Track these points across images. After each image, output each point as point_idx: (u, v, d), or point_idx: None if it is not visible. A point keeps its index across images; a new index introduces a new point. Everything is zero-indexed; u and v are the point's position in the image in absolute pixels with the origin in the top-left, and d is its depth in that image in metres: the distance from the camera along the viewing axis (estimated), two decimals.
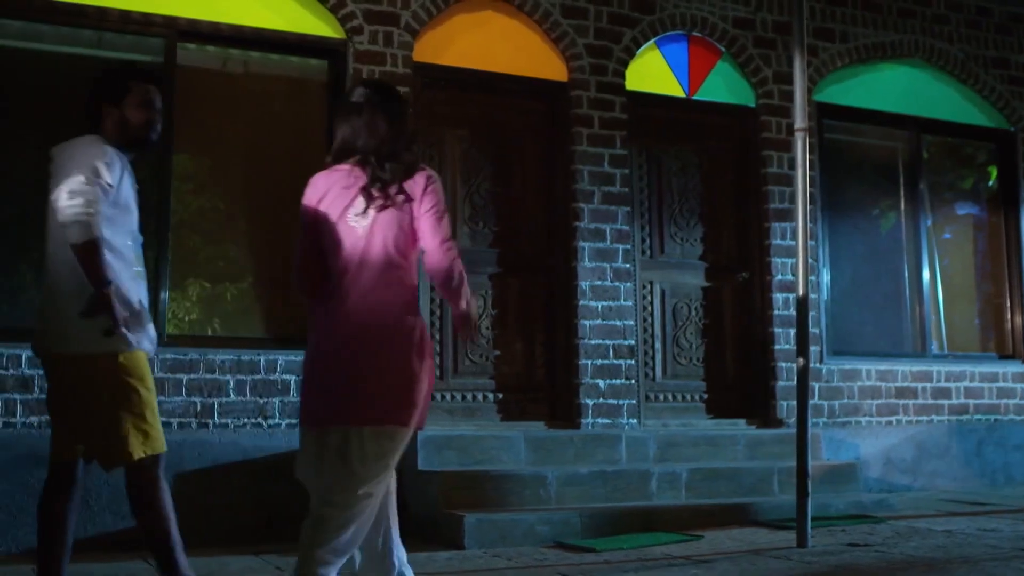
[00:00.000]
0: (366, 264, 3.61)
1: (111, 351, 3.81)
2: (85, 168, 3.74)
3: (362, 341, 3.57)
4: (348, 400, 3.56)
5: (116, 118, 4.02)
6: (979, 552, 5.32)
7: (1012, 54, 9.32)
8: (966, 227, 9.60)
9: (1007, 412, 8.88)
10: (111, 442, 3.85)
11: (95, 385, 3.83)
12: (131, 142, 4.05)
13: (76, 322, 3.74)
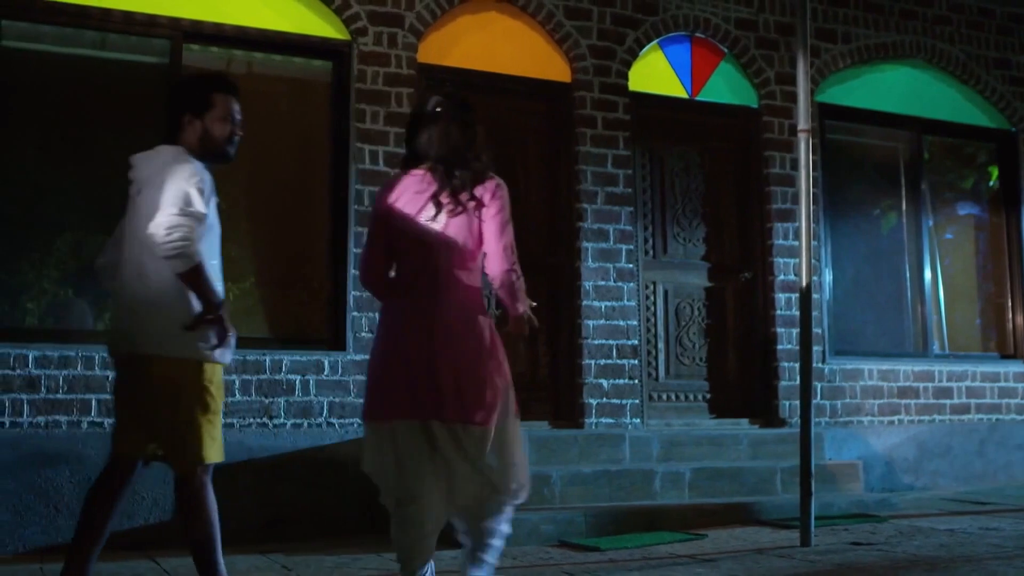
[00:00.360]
0: (439, 266, 3.80)
1: (199, 359, 3.89)
2: (178, 195, 3.76)
3: (441, 341, 3.73)
4: (430, 396, 3.71)
5: (198, 130, 4.01)
6: (982, 551, 5.35)
7: (1013, 55, 9.35)
8: (967, 227, 9.63)
9: (1008, 412, 8.91)
10: (187, 444, 3.92)
11: (180, 389, 3.88)
12: (211, 154, 4.05)
13: (168, 327, 3.82)
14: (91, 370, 6.04)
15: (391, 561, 5.36)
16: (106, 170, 6.57)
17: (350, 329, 6.69)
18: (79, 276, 6.43)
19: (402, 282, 3.88)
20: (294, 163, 7.07)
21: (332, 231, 6.83)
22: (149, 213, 3.80)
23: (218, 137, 4.03)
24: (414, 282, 3.83)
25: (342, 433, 6.55)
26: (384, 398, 3.81)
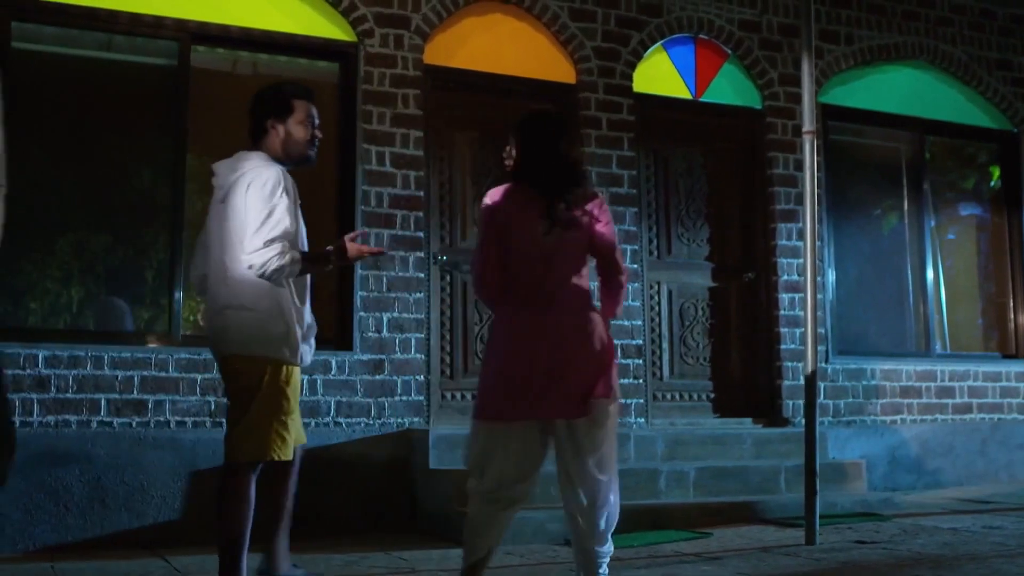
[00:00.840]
0: (556, 278, 3.98)
1: (278, 360, 4.12)
2: (263, 217, 4.01)
3: (567, 346, 3.91)
4: (558, 397, 3.89)
5: (281, 135, 4.24)
6: (985, 549, 5.39)
7: (1015, 56, 9.39)
8: (969, 227, 9.67)
9: (1010, 411, 8.95)
10: (255, 438, 4.11)
11: (256, 387, 4.09)
12: (293, 157, 4.27)
13: (250, 328, 4.08)
14: (100, 370, 6.08)
15: (399, 559, 5.43)
16: (115, 171, 6.65)
17: (357, 329, 6.73)
18: (87, 276, 6.48)
19: (519, 293, 4.00)
20: None
21: (339, 231, 6.84)
22: (234, 224, 4.08)
23: (299, 140, 4.27)
24: (532, 293, 3.98)
25: (349, 432, 6.59)
26: (508, 401, 3.94)
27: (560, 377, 3.88)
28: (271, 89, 4.37)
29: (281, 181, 4.08)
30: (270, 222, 4.01)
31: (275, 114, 4.26)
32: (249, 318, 4.09)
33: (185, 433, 6.21)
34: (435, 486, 6.34)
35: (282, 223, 4.02)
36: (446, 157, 7.26)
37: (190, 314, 6.69)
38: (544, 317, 3.94)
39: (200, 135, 6.60)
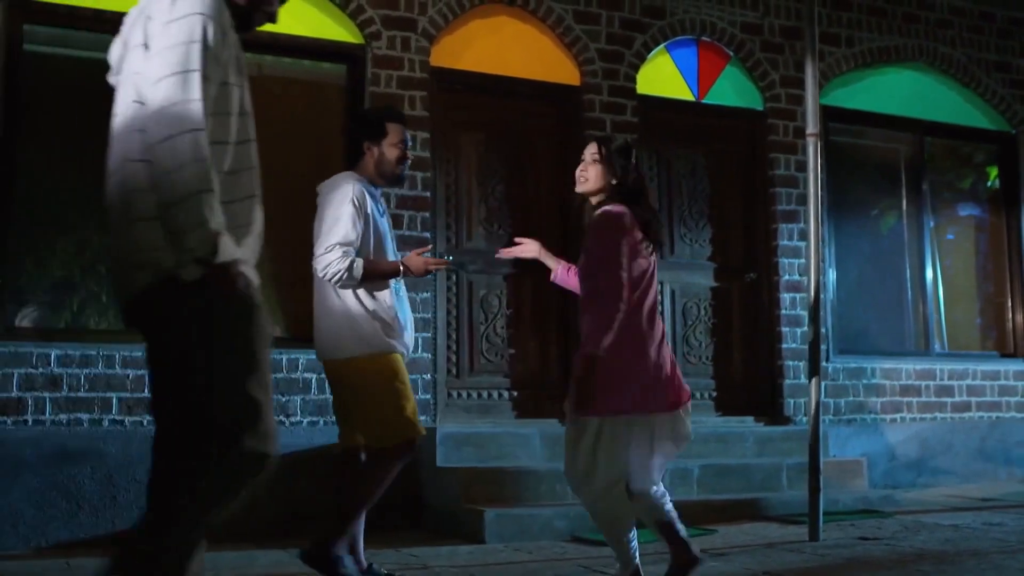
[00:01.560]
0: (655, 294, 4.37)
1: (368, 353, 4.46)
2: (330, 227, 4.45)
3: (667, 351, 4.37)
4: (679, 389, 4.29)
5: (376, 156, 4.59)
6: (986, 545, 5.48)
7: (1013, 58, 9.48)
8: (968, 228, 9.76)
9: (1008, 410, 9.04)
10: (392, 426, 4.45)
11: (359, 382, 4.51)
12: (386, 177, 4.62)
13: (339, 332, 4.48)
14: (112, 368, 6.15)
15: (409, 556, 5.51)
16: None
17: None
18: (100, 277, 6.54)
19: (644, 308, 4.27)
20: (309, 165, 7.14)
21: None
22: (316, 237, 4.49)
23: (392, 161, 4.60)
24: (655, 307, 4.34)
25: None
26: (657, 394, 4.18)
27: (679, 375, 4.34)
28: (368, 113, 4.78)
29: (351, 195, 4.44)
30: (335, 230, 4.39)
31: (370, 136, 4.61)
32: (338, 323, 4.47)
33: None
34: (442, 484, 6.42)
35: (344, 231, 4.38)
36: (452, 158, 7.34)
37: None
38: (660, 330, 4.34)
39: None
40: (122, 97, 2.70)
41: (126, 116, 2.64)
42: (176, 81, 2.50)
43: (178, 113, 2.47)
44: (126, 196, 2.59)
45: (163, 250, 2.52)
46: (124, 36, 2.77)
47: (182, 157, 2.45)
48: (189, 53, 2.52)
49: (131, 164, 2.59)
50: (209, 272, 2.49)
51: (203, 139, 2.49)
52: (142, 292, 2.59)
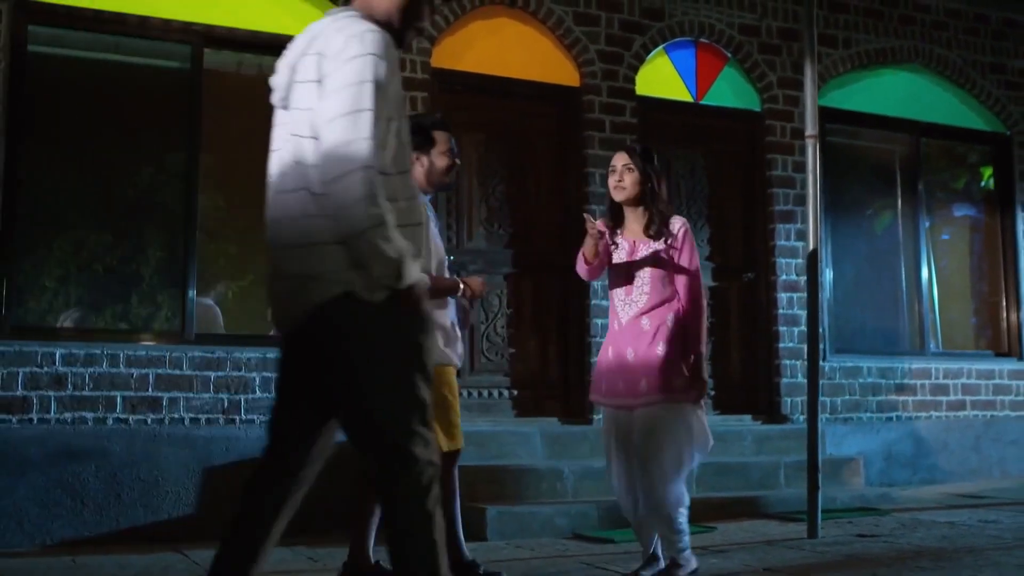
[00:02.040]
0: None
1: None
2: None
3: None
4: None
5: (425, 165, 4.64)
6: (983, 542, 5.55)
7: (1008, 59, 9.56)
8: (963, 228, 9.84)
9: (1003, 408, 9.12)
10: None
11: None
12: (435, 184, 4.70)
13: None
14: (116, 368, 6.19)
15: None
16: (129, 172, 6.76)
17: None
18: (105, 277, 6.59)
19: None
20: None
21: None
22: None
23: (441, 169, 4.66)
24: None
25: None
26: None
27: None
28: (414, 123, 4.75)
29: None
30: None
31: (418, 147, 4.62)
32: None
33: (199, 430, 6.33)
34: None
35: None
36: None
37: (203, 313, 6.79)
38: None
39: (213, 137, 6.72)
40: (291, 128, 2.84)
41: (300, 149, 2.79)
42: (350, 120, 2.66)
43: (351, 151, 2.63)
44: (302, 223, 2.76)
45: (347, 271, 2.70)
46: (291, 64, 2.90)
47: (355, 193, 2.62)
48: (362, 93, 2.67)
49: (304, 194, 2.76)
50: (393, 294, 2.70)
51: (374, 175, 2.65)
52: (321, 306, 2.74)
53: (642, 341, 4.54)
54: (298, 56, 2.87)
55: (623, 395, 4.56)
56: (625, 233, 4.74)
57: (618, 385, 4.58)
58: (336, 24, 2.81)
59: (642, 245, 4.62)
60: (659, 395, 4.46)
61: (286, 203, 2.81)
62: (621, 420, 4.59)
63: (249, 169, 7.00)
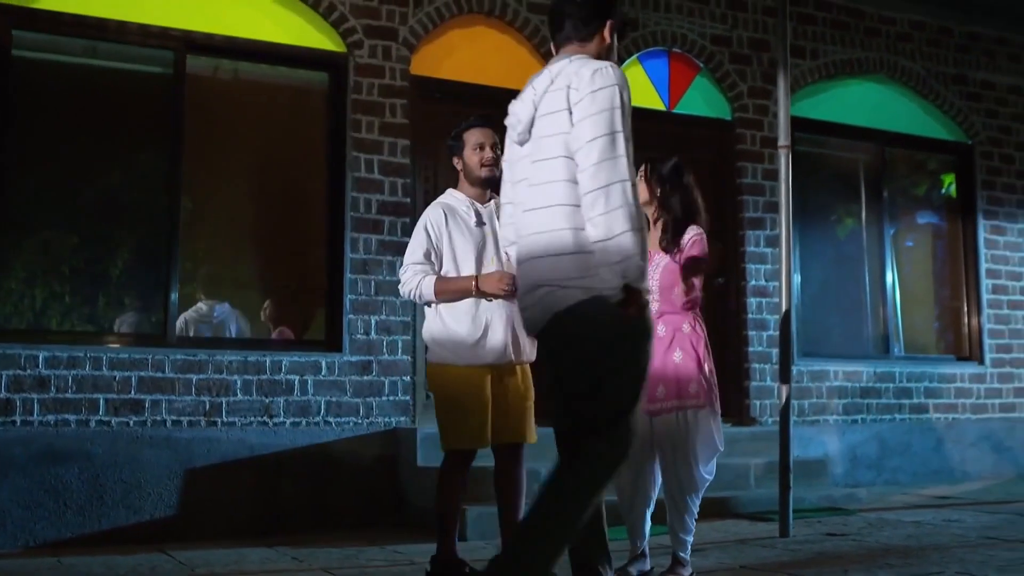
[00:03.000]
0: None
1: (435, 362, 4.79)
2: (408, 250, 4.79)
3: None
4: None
5: (461, 167, 4.84)
6: (948, 540, 5.74)
7: (970, 71, 9.81)
8: (926, 235, 10.07)
9: (964, 411, 9.35)
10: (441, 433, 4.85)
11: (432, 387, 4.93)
12: (476, 183, 4.83)
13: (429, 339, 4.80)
14: (99, 370, 6.24)
15: (394, 552, 5.66)
16: (112, 176, 6.82)
17: (346, 332, 6.94)
18: (87, 279, 6.64)
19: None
20: (293, 170, 7.31)
21: (329, 237, 7.08)
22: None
23: (474, 166, 4.80)
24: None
25: (339, 431, 6.80)
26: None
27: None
28: (452, 133, 4.98)
29: (424, 219, 4.76)
30: (407, 252, 4.75)
31: (455, 152, 4.88)
32: (427, 329, 4.78)
33: (181, 432, 6.40)
34: (423, 483, 6.56)
35: (412, 252, 4.71)
36: (431, 165, 7.49)
37: (185, 316, 6.85)
38: None
39: (197, 141, 6.79)
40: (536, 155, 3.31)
41: (553, 168, 3.25)
42: (606, 141, 3.16)
43: (610, 168, 3.13)
44: (555, 234, 3.23)
45: (593, 276, 3.16)
46: (533, 102, 3.35)
47: (615, 202, 3.10)
48: (613, 118, 3.19)
49: (559, 208, 3.22)
50: (631, 294, 3.16)
51: (629, 188, 3.15)
52: (572, 307, 3.21)
53: (658, 348, 4.62)
54: (541, 94, 3.30)
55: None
56: None
57: None
58: (575, 64, 3.28)
59: (656, 256, 4.75)
60: (677, 401, 4.61)
61: (539, 219, 3.27)
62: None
63: (232, 175, 7.15)
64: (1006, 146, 9.95)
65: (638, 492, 4.78)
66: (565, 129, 3.20)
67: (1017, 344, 9.72)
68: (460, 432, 4.70)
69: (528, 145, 3.37)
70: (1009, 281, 9.77)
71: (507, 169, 3.57)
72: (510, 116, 3.45)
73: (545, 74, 3.35)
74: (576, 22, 3.43)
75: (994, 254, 9.74)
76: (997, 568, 4.86)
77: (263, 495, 6.53)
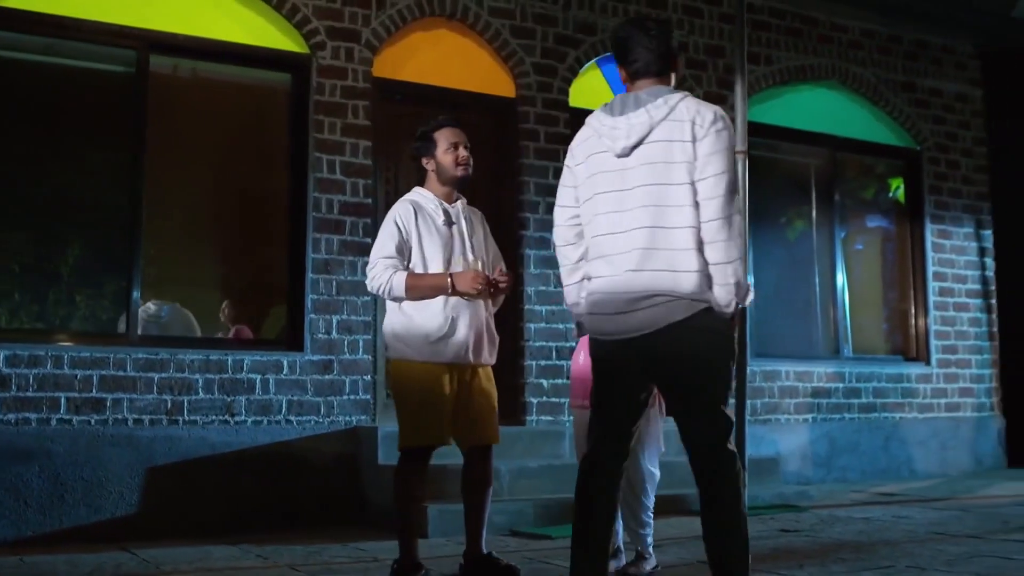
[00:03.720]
0: None
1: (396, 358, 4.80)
2: (376, 245, 4.79)
3: None
4: None
5: (433, 167, 4.84)
6: (897, 536, 5.92)
7: (919, 78, 10.05)
8: (875, 238, 10.30)
9: (911, 411, 9.58)
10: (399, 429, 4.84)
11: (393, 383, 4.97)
12: (449, 183, 4.85)
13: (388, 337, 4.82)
14: (60, 369, 6.24)
15: (357, 550, 5.73)
16: (74, 174, 6.81)
17: (308, 331, 6.98)
18: (48, 278, 6.63)
19: None
20: (255, 170, 7.34)
21: (291, 237, 7.12)
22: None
23: (448, 165, 4.83)
24: None
25: (300, 430, 6.85)
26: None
27: None
28: (418, 133, 4.98)
29: (393, 214, 4.76)
30: (376, 246, 4.74)
31: (426, 152, 4.87)
32: (387, 324, 4.81)
33: (142, 431, 6.41)
34: (384, 481, 6.61)
35: (382, 246, 4.71)
36: (393, 166, 7.56)
37: (147, 314, 6.86)
38: None
39: (159, 140, 6.80)
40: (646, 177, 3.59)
41: (680, 193, 3.55)
42: (730, 177, 3.55)
43: (732, 201, 3.54)
44: (680, 253, 3.53)
45: (707, 293, 3.53)
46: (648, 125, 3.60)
47: (734, 232, 3.55)
48: (733, 157, 3.59)
49: (686, 230, 3.53)
50: (736, 310, 3.60)
51: (739, 220, 3.60)
52: (689, 318, 3.53)
53: None
54: (658, 120, 3.59)
55: None
56: None
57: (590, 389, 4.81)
58: (690, 101, 3.63)
59: None
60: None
61: (664, 237, 3.54)
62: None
63: (195, 174, 7.17)
64: (952, 152, 10.21)
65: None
66: (689, 159, 3.54)
67: (962, 345, 9.98)
68: (418, 429, 4.72)
69: (625, 160, 3.64)
70: (955, 284, 10.03)
71: (580, 175, 3.79)
72: (611, 128, 3.66)
73: (657, 105, 3.63)
74: (653, 57, 3.78)
75: (941, 257, 9.99)
76: (945, 562, 5.03)
77: (225, 493, 6.56)
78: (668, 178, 3.56)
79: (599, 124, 3.73)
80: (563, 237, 3.93)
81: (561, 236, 3.94)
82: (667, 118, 3.60)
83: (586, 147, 3.79)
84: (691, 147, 3.54)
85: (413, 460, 4.80)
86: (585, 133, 3.82)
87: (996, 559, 5.13)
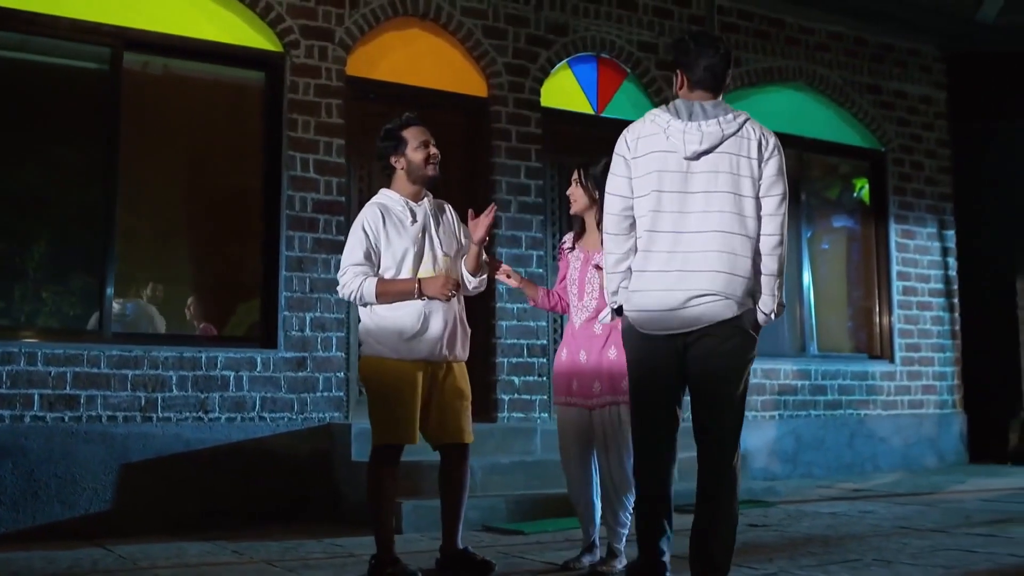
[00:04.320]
0: None
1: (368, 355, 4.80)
2: (346, 252, 4.79)
3: None
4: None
5: (403, 166, 4.83)
6: (864, 530, 6.05)
7: (884, 80, 10.21)
8: (841, 238, 10.46)
9: (875, 408, 9.74)
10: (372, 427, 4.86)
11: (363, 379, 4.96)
12: (419, 180, 4.86)
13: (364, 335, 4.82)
14: (33, 366, 6.24)
15: (332, 545, 5.77)
16: (48, 171, 6.81)
17: (281, 328, 7.02)
18: (21, 275, 6.63)
19: None
20: (229, 169, 7.37)
21: (265, 235, 7.15)
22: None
23: (419, 164, 4.84)
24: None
25: (273, 426, 6.88)
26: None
27: None
28: (384, 132, 4.96)
29: (361, 220, 4.75)
30: (345, 254, 4.75)
31: (394, 151, 4.86)
32: (362, 321, 4.83)
33: (116, 427, 6.42)
34: (358, 478, 6.66)
35: (351, 254, 4.73)
36: (366, 164, 7.58)
37: (121, 312, 6.87)
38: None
39: (133, 138, 6.81)
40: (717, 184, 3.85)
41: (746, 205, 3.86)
42: (787, 197, 3.93)
43: (786, 219, 3.92)
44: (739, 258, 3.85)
45: (749, 300, 3.89)
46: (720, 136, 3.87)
47: (784, 247, 3.93)
48: (785, 179, 3.93)
49: (746, 239, 3.86)
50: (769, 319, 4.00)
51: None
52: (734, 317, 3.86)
53: (595, 345, 4.87)
54: (729, 133, 3.87)
55: (576, 395, 4.90)
56: (582, 244, 5.11)
57: (572, 386, 4.91)
58: (754, 122, 3.95)
59: (596, 255, 4.90)
60: (612, 396, 4.79)
61: (726, 241, 3.83)
62: (574, 417, 4.94)
63: (169, 171, 7.19)
64: (917, 153, 10.38)
65: (587, 483, 4.99)
66: (754, 175, 3.87)
67: (925, 343, 10.15)
68: (390, 426, 4.74)
69: (694, 164, 3.86)
70: (918, 283, 10.20)
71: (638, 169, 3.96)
72: (682, 132, 3.85)
73: (728, 116, 3.91)
74: (719, 74, 4.04)
75: (905, 257, 10.16)
76: (910, 555, 5.16)
77: (199, 490, 6.58)
78: (738, 188, 3.85)
79: (666, 124, 3.91)
80: (616, 226, 4.04)
81: (614, 224, 4.04)
82: (736, 134, 3.88)
83: (649, 143, 3.94)
84: (756, 165, 3.87)
85: (386, 457, 4.83)
86: (649, 128, 3.98)
87: (959, 552, 5.26)
